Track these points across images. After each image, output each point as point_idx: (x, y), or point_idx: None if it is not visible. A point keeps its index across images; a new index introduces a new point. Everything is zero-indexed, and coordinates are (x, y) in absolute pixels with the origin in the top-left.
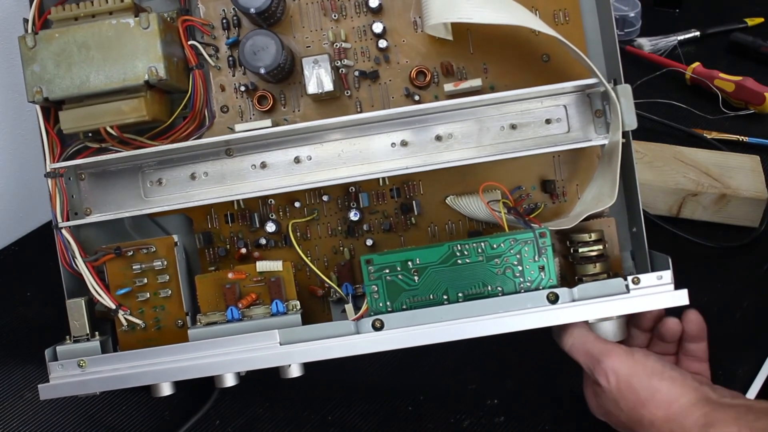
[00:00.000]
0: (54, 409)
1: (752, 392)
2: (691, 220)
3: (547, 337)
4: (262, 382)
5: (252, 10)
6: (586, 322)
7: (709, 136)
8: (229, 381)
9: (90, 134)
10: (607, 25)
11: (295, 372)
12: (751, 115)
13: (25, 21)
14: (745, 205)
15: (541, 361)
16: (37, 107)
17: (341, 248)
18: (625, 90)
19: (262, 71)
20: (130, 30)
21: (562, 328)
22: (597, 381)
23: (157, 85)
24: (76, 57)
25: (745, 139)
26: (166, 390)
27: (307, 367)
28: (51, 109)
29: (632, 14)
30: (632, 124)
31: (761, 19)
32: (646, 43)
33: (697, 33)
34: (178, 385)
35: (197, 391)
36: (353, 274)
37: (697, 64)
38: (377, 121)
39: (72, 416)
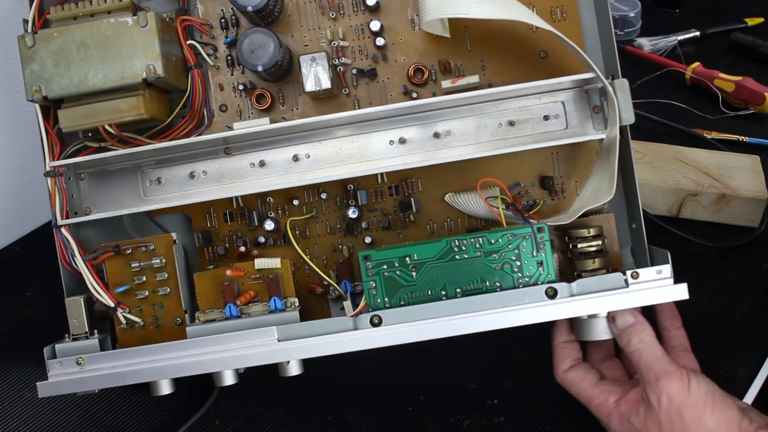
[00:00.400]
0: (54, 409)
1: (752, 392)
2: (691, 220)
3: (548, 336)
4: (261, 382)
5: (249, 9)
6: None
7: (709, 136)
8: (229, 379)
9: (89, 133)
10: (605, 21)
11: (294, 370)
12: (751, 115)
13: (25, 21)
14: (745, 205)
15: (541, 360)
16: (37, 106)
17: (340, 246)
18: (623, 85)
19: (260, 69)
20: (129, 29)
21: (628, 325)
22: (647, 397)
23: (156, 83)
24: (75, 56)
25: (745, 139)
26: (166, 389)
27: (307, 366)
28: (50, 108)
29: (632, 14)
30: (630, 118)
31: (761, 19)
32: (646, 43)
33: (697, 33)
34: (177, 384)
35: (197, 390)
36: (352, 271)
37: (697, 64)
38: (375, 119)
39: (72, 416)
